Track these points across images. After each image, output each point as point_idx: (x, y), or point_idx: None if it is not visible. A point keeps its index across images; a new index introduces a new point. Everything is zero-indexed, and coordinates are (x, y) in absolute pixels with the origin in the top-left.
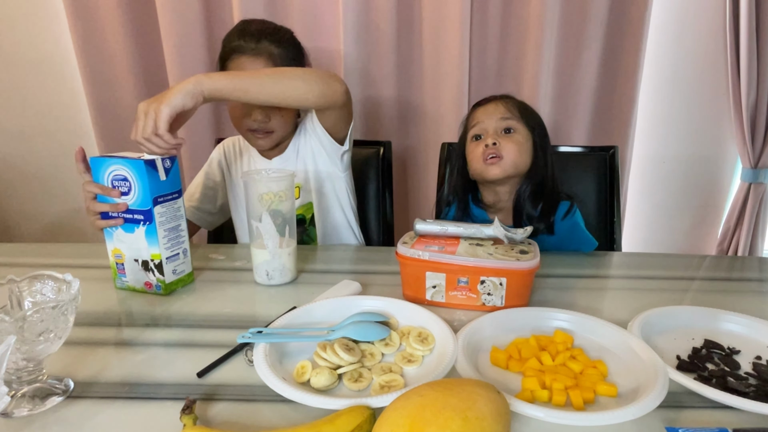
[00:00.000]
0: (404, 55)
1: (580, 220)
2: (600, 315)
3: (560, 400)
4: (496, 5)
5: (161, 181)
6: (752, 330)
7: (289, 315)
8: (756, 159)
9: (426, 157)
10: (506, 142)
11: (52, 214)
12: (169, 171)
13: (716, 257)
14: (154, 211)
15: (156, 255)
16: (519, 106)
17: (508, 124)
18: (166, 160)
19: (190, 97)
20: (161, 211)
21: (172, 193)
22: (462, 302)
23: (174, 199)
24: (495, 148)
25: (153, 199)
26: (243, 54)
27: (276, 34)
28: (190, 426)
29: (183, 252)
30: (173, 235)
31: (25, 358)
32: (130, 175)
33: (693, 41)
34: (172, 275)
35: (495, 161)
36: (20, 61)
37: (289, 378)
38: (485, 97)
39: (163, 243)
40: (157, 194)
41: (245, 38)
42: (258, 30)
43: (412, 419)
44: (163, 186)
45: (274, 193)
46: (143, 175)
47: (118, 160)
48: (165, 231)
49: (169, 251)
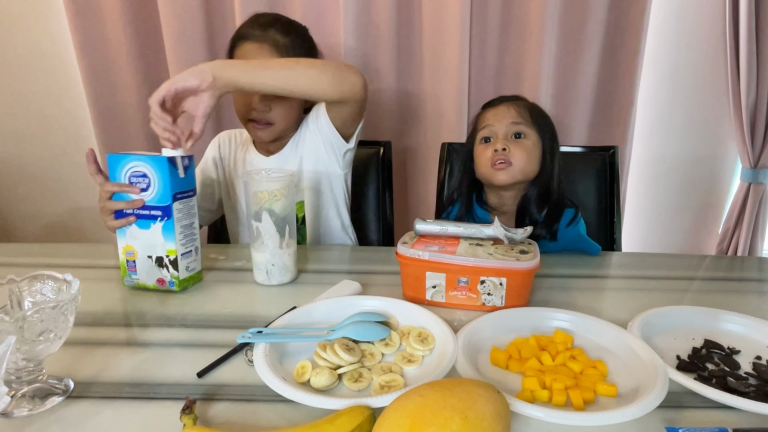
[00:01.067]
0: (404, 55)
1: (582, 229)
2: (600, 315)
3: (560, 400)
4: (496, 5)
5: (180, 178)
6: (752, 330)
7: (289, 315)
8: (756, 159)
9: (426, 157)
10: (516, 147)
11: (52, 214)
12: (188, 169)
13: (716, 257)
14: (173, 207)
15: (172, 251)
16: (531, 110)
17: (519, 129)
18: (185, 159)
19: (194, 75)
20: (179, 208)
21: (188, 191)
22: (462, 302)
23: (190, 197)
24: (504, 154)
25: (173, 195)
26: (248, 40)
27: (286, 25)
28: (190, 426)
29: (195, 249)
30: (188, 232)
31: (25, 358)
32: (150, 171)
33: (693, 41)
34: (186, 272)
35: (503, 167)
36: (20, 61)
37: (289, 378)
38: (496, 98)
39: (179, 239)
40: (177, 191)
41: (253, 26)
42: (268, 20)
43: (412, 419)
44: (182, 183)
45: (269, 192)
46: (164, 171)
47: (138, 156)
48: (181, 227)
49: (184, 248)
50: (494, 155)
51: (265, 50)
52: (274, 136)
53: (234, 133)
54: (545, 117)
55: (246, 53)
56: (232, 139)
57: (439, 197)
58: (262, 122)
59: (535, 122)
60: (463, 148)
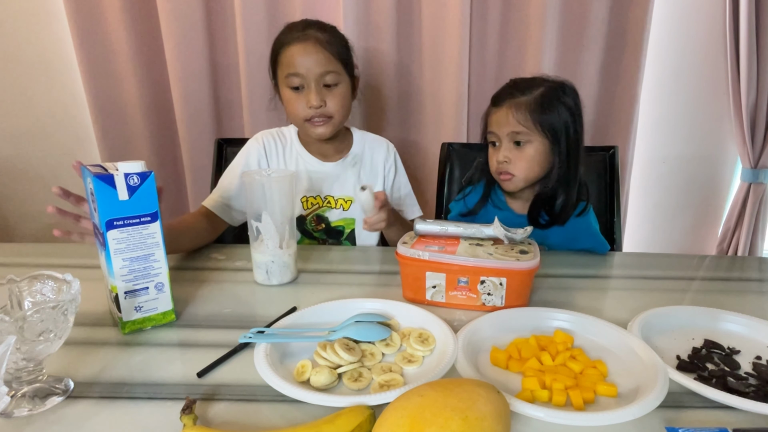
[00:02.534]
0: (404, 55)
1: (594, 221)
2: (600, 315)
3: (560, 400)
4: (496, 5)
5: (120, 201)
6: (752, 330)
7: (289, 317)
8: (756, 159)
9: (426, 157)
10: (517, 157)
11: (51, 214)
12: (136, 190)
13: (716, 257)
14: (108, 236)
15: (113, 287)
16: (534, 110)
17: (519, 137)
18: (133, 177)
19: None
20: (118, 237)
21: (138, 217)
22: (462, 302)
23: (143, 224)
24: (506, 167)
25: (106, 222)
26: (290, 44)
27: (321, 24)
28: (190, 426)
29: (156, 287)
30: (139, 266)
31: (25, 358)
32: (93, 191)
33: (693, 41)
34: (135, 313)
35: (507, 178)
36: (20, 61)
37: (289, 377)
38: (501, 91)
39: (120, 274)
40: (112, 217)
41: (291, 31)
42: (302, 23)
43: (412, 419)
44: (123, 208)
45: (270, 191)
46: (99, 191)
47: (86, 171)
48: (124, 261)
49: (131, 284)
50: (498, 166)
51: (309, 46)
52: (334, 129)
53: (274, 133)
54: (552, 111)
55: (293, 55)
56: (277, 139)
57: (439, 197)
58: (321, 117)
59: (537, 123)
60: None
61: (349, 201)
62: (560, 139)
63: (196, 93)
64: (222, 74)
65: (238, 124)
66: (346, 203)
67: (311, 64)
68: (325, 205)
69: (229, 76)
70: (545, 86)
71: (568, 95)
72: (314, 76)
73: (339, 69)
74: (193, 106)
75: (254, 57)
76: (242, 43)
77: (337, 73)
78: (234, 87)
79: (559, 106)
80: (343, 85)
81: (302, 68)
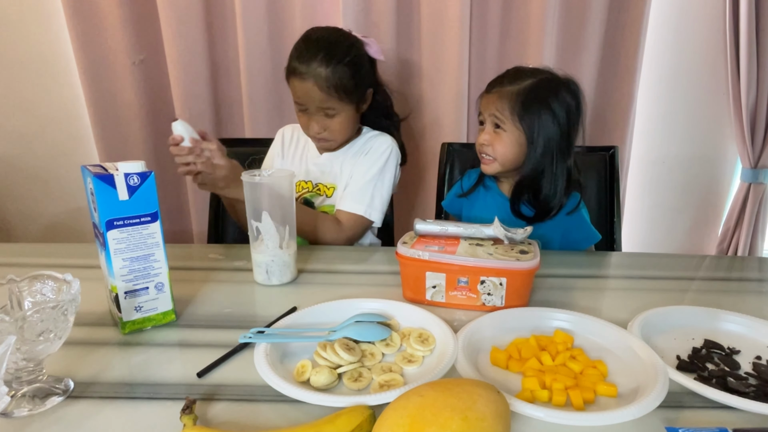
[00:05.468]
0: (404, 55)
1: (585, 214)
2: (600, 315)
3: (560, 400)
4: (495, 5)
5: (120, 201)
6: (752, 330)
7: (289, 317)
8: (756, 159)
9: (426, 157)
10: (496, 141)
11: (51, 214)
12: (136, 190)
13: (716, 257)
14: (108, 236)
15: (113, 287)
16: (514, 102)
17: (497, 121)
18: (133, 177)
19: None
20: (118, 237)
21: (138, 217)
22: (462, 302)
23: (143, 224)
24: (485, 148)
25: (106, 222)
26: (295, 76)
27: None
28: (190, 426)
29: (156, 287)
30: (139, 266)
31: (25, 358)
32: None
33: (693, 41)
34: (135, 313)
35: (486, 161)
36: (19, 61)
37: (289, 377)
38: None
39: (120, 274)
40: (112, 217)
41: (300, 58)
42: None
43: (412, 419)
44: (123, 208)
45: (270, 191)
46: (99, 191)
47: (86, 171)
48: (124, 261)
49: (131, 284)
50: (479, 147)
51: (309, 85)
52: (337, 145)
53: (297, 127)
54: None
55: (296, 86)
56: (295, 132)
57: (439, 197)
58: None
59: (516, 114)
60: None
61: (332, 188)
62: (535, 133)
63: (196, 93)
64: (222, 74)
65: (238, 124)
66: (330, 190)
67: (311, 100)
68: (314, 191)
69: (229, 76)
70: (536, 79)
71: (566, 92)
72: (314, 108)
73: (337, 104)
74: (193, 106)
75: (254, 57)
76: (242, 43)
77: (336, 106)
78: (234, 87)
79: (545, 102)
80: (343, 114)
81: (303, 99)
